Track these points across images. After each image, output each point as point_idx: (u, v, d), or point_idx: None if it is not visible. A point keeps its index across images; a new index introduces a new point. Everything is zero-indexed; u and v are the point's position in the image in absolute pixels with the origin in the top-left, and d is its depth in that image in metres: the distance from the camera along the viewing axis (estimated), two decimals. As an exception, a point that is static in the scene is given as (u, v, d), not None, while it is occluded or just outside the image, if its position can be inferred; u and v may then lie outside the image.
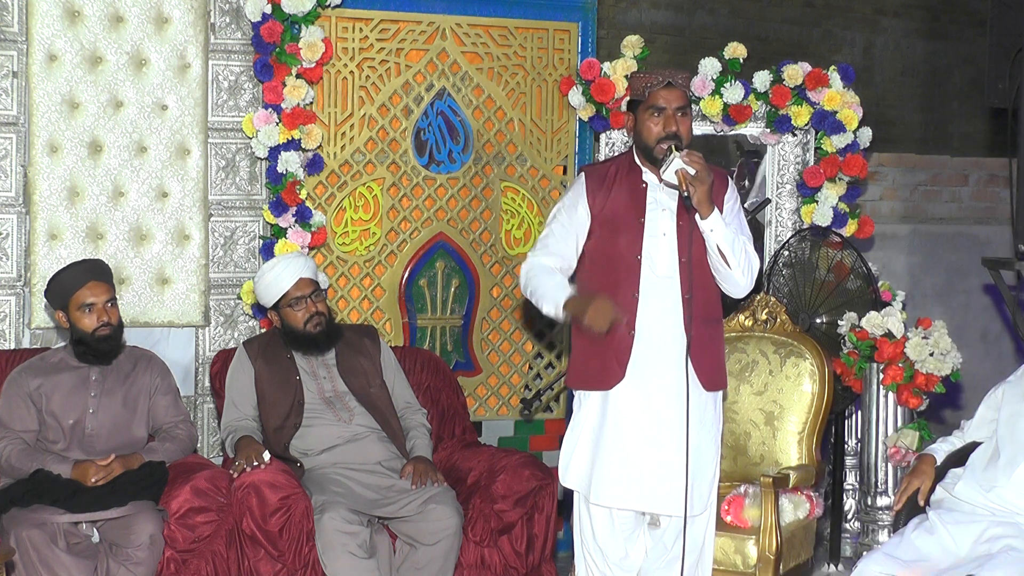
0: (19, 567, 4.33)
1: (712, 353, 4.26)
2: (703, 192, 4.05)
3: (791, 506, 4.76)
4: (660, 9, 7.48)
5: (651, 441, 4.18)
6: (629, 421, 4.20)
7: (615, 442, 4.21)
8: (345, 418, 5.02)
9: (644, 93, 4.18)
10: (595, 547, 4.33)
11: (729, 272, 4.16)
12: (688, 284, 4.15)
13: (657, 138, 4.15)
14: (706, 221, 4.09)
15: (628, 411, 4.20)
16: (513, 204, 5.92)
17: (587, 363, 4.28)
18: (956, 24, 8.54)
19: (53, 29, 5.21)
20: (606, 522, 4.31)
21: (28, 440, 4.73)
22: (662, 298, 4.19)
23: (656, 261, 4.19)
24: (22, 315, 5.23)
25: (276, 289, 5.02)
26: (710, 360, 4.24)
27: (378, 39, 5.66)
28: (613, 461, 4.21)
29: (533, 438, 5.93)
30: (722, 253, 4.12)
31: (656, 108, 4.16)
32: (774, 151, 6.05)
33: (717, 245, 4.11)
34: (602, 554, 4.32)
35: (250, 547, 4.67)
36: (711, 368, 4.25)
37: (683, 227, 4.15)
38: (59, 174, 5.25)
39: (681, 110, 4.17)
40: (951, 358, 5.56)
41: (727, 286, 4.23)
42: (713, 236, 4.11)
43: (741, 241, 4.17)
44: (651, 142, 4.17)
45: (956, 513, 4.30)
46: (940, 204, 7.87)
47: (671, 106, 4.15)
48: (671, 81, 4.16)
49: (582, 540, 4.37)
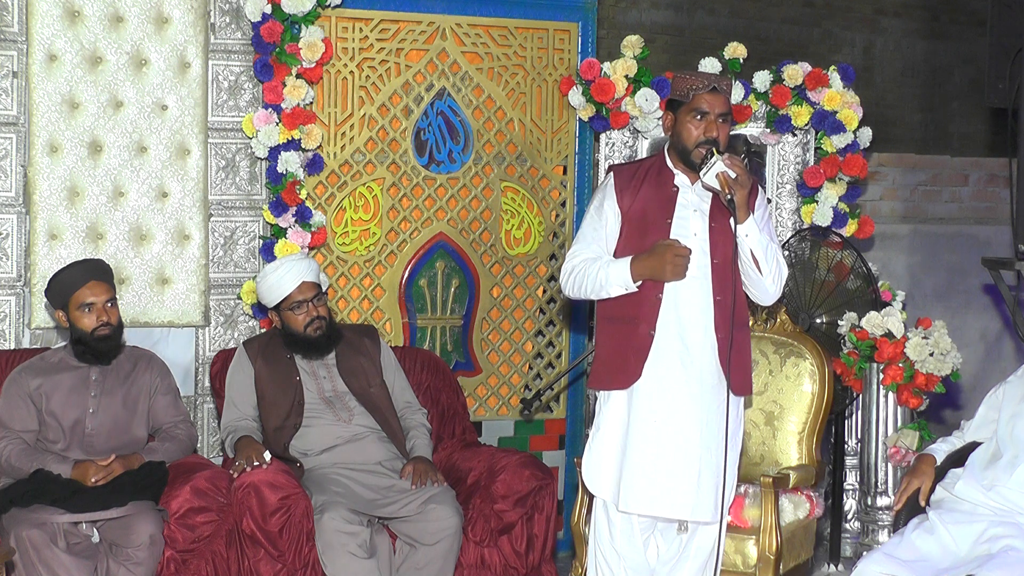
0: (19, 567, 4.33)
1: (740, 357, 4.23)
2: (742, 196, 4.03)
3: (791, 506, 4.76)
4: (660, 9, 7.49)
5: (678, 446, 4.15)
6: (653, 425, 4.17)
7: (641, 448, 4.17)
8: (345, 418, 5.02)
9: (688, 95, 4.16)
10: (611, 551, 4.30)
11: (760, 279, 4.14)
12: (720, 286, 4.14)
13: (696, 142, 4.14)
14: (743, 226, 4.07)
15: (651, 414, 4.17)
16: (513, 204, 5.92)
17: (609, 362, 4.25)
18: (956, 24, 8.55)
19: (53, 29, 5.21)
20: (626, 527, 4.28)
21: (28, 440, 4.73)
22: (691, 299, 4.16)
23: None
24: (22, 315, 5.24)
25: (278, 292, 5.01)
26: (739, 363, 4.22)
27: (378, 39, 5.66)
28: (640, 468, 4.17)
29: (533, 438, 5.93)
30: (755, 259, 4.10)
31: (699, 111, 4.14)
32: (774, 151, 6.05)
33: (751, 250, 4.09)
34: (619, 558, 4.29)
35: (250, 547, 4.67)
36: (738, 371, 4.22)
37: (716, 229, 4.14)
38: (59, 174, 5.25)
39: (723, 116, 4.15)
40: (951, 358, 5.56)
41: (756, 292, 4.21)
42: (748, 241, 4.09)
43: (773, 248, 4.15)
44: (690, 145, 4.15)
45: (956, 513, 4.30)
46: (940, 204, 7.87)
47: (714, 111, 4.14)
48: (716, 87, 4.14)
49: (597, 543, 4.33)
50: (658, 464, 4.16)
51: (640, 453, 4.17)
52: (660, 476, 4.16)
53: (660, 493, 4.17)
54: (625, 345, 4.19)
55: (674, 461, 4.16)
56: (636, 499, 4.19)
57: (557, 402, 6.01)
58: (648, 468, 4.17)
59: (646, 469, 4.17)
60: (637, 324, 4.17)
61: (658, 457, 4.16)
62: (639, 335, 4.17)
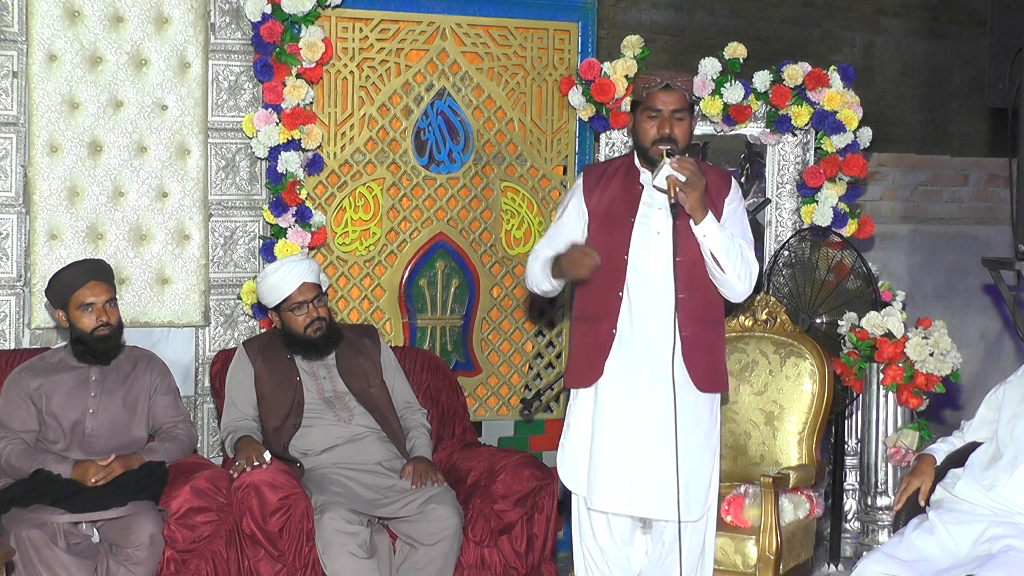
0: (19, 567, 4.34)
1: (709, 354, 4.24)
2: (695, 198, 4.03)
3: (791, 506, 4.76)
4: (660, 9, 7.50)
5: (641, 443, 4.16)
6: (617, 422, 4.19)
7: (607, 445, 4.20)
8: (345, 418, 5.02)
9: (643, 94, 4.18)
10: (595, 547, 4.33)
11: (725, 277, 4.14)
12: (684, 284, 4.13)
13: (652, 140, 4.14)
14: (699, 226, 4.07)
15: (615, 411, 4.19)
16: (513, 204, 5.92)
17: (576, 360, 4.30)
18: (956, 24, 8.55)
19: (53, 29, 5.21)
20: (604, 524, 4.30)
21: (28, 440, 4.73)
22: (654, 298, 4.17)
23: (649, 260, 4.18)
24: (22, 315, 5.23)
25: (279, 292, 5.01)
26: (706, 361, 4.22)
27: (378, 39, 5.66)
28: (607, 466, 4.19)
29: (533, 438, 5.93)
30: (716, 258, 4.11)
31: (653, 110, 4.15)
32: (774, 151, 6.05)
33: (711, 250, 4.10)
34: (602, 554, 4.31)
35: (250, 547, 4.67)
36: (707, 369, 4.22)
37: (680, 227, 4.11)
38: (59, 174, 5.25)
39: (678, 113, 4.15)
40: (951, 358, 5.56)
41: (724, 291, 4.21)
42: (706, 241, 4.09)
43: (737, 245, 4.13)
44: (647, 143, 4.17)
45: (956, 513, 4.30)
46: (940, 204, 7.87)
47: (667, 109, 4.14)
48: (669, 83, 4.14)
49: (581, 540, 4.37)
50: (623, 461, 4.17)
51: (605, 451, 4.20)
52: (624, 474, 4.17)
53: (624, 491, 4.18)
54: (590, 344, 4.23)
55: (637, 458, 4.16)
56: (603, 497, 4.21)
57: (557, 402, 6.01)
58: (613, 466, 4.19)
59: (611, 467, 4.19)
60: (599, 323, 4.21)
61: (625, 454, 4.18)
62: (601, 333, 4.20)
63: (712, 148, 6.13)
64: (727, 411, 5.02)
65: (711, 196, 4.13)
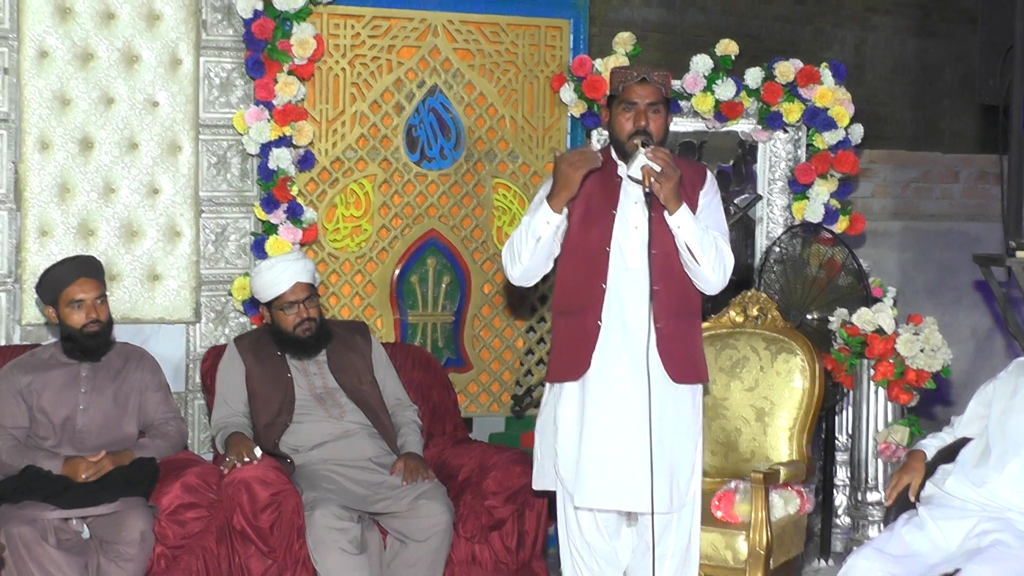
0: (9, 564, 4.33)
1: (684, 346, 4.24)
2: (669, 189, 4.03)
3: (781, 502, 4.77)
4: (652, 6, 7.50)
5: (621, 436, 4.16)
6: (602, 415, 4.19)
7: (595, 439, 4.19)
8: (336, 414, 5.02)
9: (619, 88, 4.19)
10: (582, 543, 4.32)
11: (699, 268, 4.14)
12: (659, 276, 4.13)
13: (628, 134, 4.16)
14: (673, 217, 4.08)
15: (602, 404, 4.19)
16: (504, 201, 5.92)
17: (562, 354, 4.29)
18: (947, 21, 8.56)
19: (44, 25, 5.20)
20: (590, 520, 4.30)
21: (18, 436, 4.73)
22: (631, 290, 4.17)
23: (627, 253, 4.19)
24: (13, 311, 5.23)
25: (272, 290, 5.01)
26: (681, 353, 4.22)
27: (370, 36, 5.66)
28: (594, 461, 4.19)
29: (524, 435, 5.92)
30: (690, 250, 4.11)
31: (629, 103, 4.17)
32: (766, 148, 6.05)
33: (685, 242, 4.11)
34: (590, 549, 4.31)
35: (241, 543, 4.67)
36: (682, 361, 4.22)
37: (656, 220, 4.11)
38: (50, 170, 5.25)
39: (653, 106, 4.16)
40: (941, 354, 5.57)
41: (698, 282, 4.20)
42: (680, 232, 4.10)
43: (711, 236, 4.13)
44: (623, 136, 4.18)
45: (946, 509, 4.31)
46: (931, 201, 7.88)
47: (643, 102, 4.16)
48: (646, 77, 4.16)
49: (568, 536, 4.36)
50: (610, 456, 4.17)
51: (593, 445, 4.19)
52: (609, 468, 4.17)
53: (609, 485, 4.17)
54: (575, 337, 4.22)
55: (618, 451, 4.16)
56: (589, 494, 4.21)
57: (548, 398, 6.01)
58: (600, 460, 4.18)
59: (598, 461, 4.18)
60: (585, 315, 4.19)
61: (611, 448, 4.17)
62: (586, 326, 4.20)
63: (707, 147, 6.13)
64: (718, 407, 5.03)
65: (686, 190, 4.15)
